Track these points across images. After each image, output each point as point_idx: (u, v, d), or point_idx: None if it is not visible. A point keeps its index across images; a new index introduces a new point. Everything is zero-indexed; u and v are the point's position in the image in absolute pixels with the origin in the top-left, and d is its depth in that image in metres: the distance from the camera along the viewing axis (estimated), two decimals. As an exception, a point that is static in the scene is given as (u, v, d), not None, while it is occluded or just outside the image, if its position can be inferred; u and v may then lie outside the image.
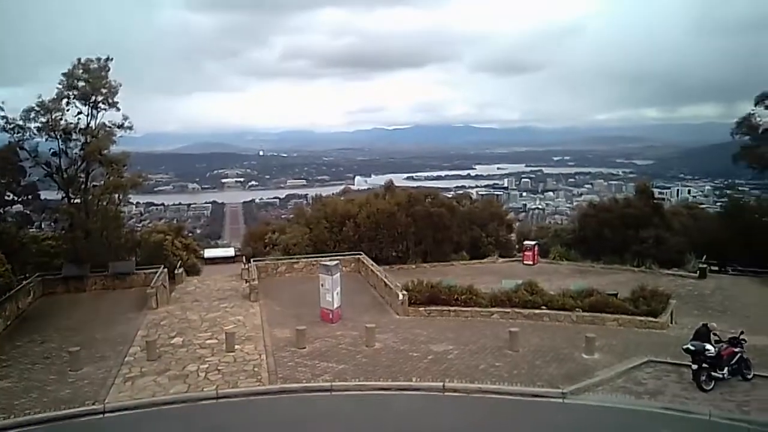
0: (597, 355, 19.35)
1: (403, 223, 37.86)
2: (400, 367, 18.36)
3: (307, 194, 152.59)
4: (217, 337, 21.58)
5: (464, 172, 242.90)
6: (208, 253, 42.25)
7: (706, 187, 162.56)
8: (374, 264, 32.47)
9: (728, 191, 60.52)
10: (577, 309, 24.42)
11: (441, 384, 16.94)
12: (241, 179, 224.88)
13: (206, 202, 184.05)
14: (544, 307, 24.81)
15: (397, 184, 48.37)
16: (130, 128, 33.73)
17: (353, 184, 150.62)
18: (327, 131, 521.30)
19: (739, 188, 70.12)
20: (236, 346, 20.25)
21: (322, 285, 24.35)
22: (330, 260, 26.28)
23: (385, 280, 28.41)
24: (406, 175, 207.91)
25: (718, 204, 66.57)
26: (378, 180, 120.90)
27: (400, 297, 25.49)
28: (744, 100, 40.71)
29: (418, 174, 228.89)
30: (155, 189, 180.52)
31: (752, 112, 40.20)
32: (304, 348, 20.22)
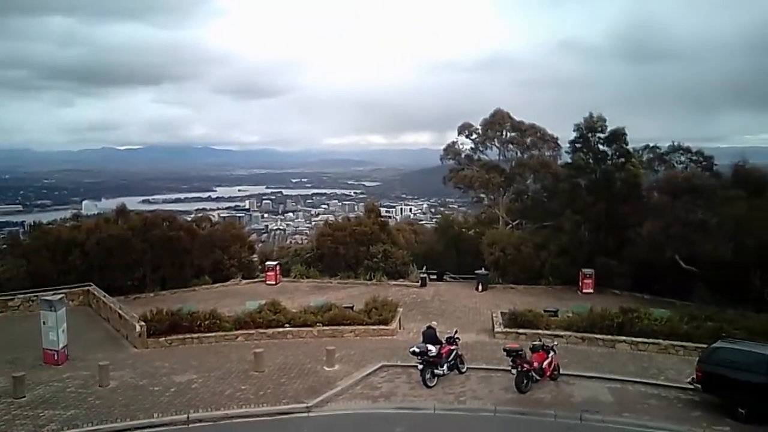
0: (337, 366, 20.60)
1: (139, 249, 35.59)
2: (139, 405, 17.31)
3: (24, 221, 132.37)
4: None
5: (205, 195, 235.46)
6: None
7: (424, 206, 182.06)
8: (107, 295, 30.09)
9: (441, 209, 69.22)
10: (318, 324, 25.66)
11: (185, 416, 16.41)
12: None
13: None
14: (287, 325, 25.56)
15: (131, 208, 45.18)
16: None
17: (81, 209, 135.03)
18: (48, 150, 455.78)
19: (450, 206, 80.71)
20: (-69, 406, 17.03)
21: (44, 323, 21.73)
22: (53, 294, 23.70)
23: (120, 311, 26.52)
24: (141, 198, 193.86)
25: (434, 220, 75.41)
26: (109, 204, 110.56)
27: (137, 328, 24.04)
28: (450, 130, 47.32)
29: (155, 197, 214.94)
30: None
31: (456, 140, 46.93)
32: (24, 397, 17.82)
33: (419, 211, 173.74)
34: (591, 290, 34.75)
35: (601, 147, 38.39)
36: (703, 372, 17.22)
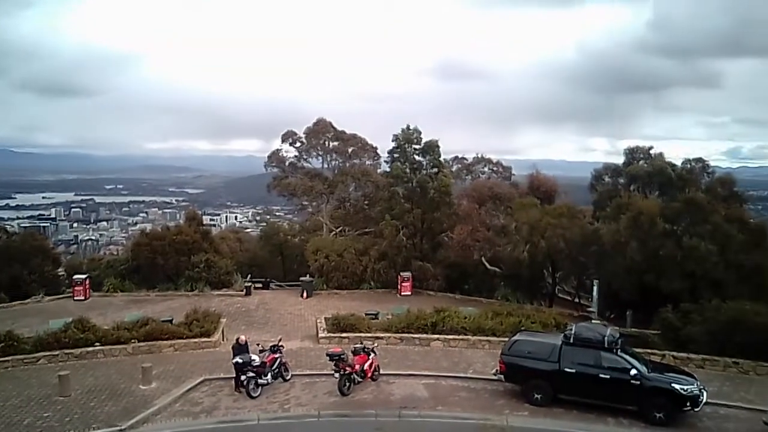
0: (155, 384, 19.74)
1: None
2: None
3: None
4: None
5: (2, 203, 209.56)
6: None
7: (250, 213, 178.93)
8: None
9: (267, 216, 68.75)
10: (133, 340, 24.21)
11: (-26, 452, 14.78)
12: None
13: None
14: (97, 344, 23.76)
15: None
16: None
17: None
18: None
19: (276, 213, 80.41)
20: None
21: None
22: None
23: None
24: None
25: (259, 228, 74.68)
26: None
27: None
28: (277, 138, 46.91)
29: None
30: None
31: (280, 148, 46.94)
32: None
33: (245, 218, 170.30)
34: (409, 292, 36.52)
35: (417, 157, 40.53)
36: (504, 363, 19.18)
